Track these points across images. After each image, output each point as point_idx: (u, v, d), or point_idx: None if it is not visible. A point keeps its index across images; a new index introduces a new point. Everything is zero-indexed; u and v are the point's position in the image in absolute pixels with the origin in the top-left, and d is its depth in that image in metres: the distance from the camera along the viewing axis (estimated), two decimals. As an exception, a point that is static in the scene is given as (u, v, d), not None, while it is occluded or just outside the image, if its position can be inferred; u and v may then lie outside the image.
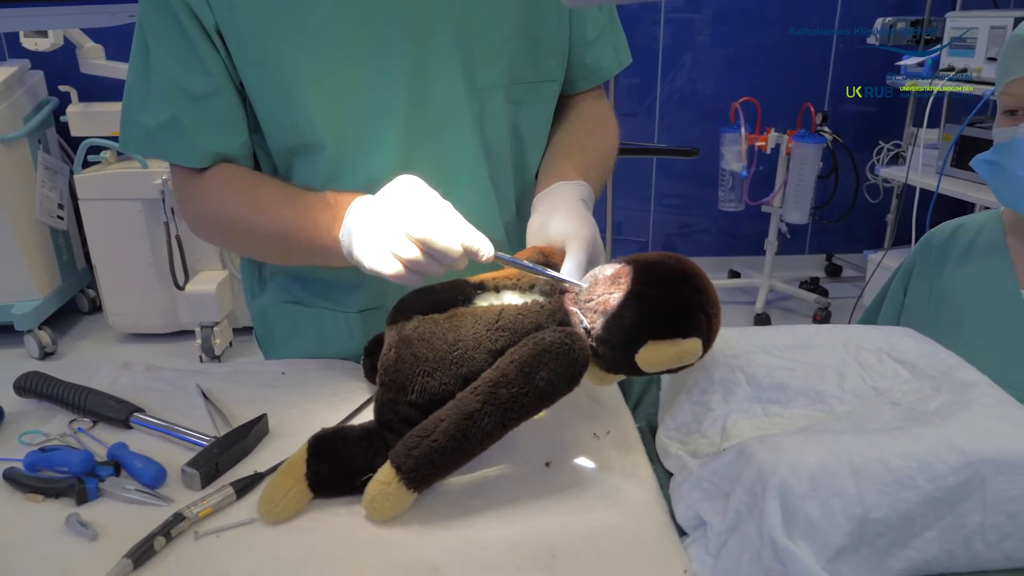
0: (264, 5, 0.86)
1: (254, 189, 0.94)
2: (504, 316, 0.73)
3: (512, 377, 0.68)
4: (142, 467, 0.76)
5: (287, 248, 0.92)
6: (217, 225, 0.98)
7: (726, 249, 4.08)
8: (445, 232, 0.73)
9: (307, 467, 0.72)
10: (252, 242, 0.98)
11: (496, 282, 0.78)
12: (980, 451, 0.61)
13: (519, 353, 0.69)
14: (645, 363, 0.68)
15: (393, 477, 0.68)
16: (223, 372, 0.99)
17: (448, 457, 0.68)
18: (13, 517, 0.72)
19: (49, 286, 3.28)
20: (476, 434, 0.68)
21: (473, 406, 0.68)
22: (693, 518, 0.67)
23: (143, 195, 2.98)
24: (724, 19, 3.71)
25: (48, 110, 3.22)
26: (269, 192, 0.93)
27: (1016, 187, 1.01)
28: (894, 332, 0.83)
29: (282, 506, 0.70)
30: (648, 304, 0.68)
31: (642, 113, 3.85)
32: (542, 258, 0.81)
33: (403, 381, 0.73)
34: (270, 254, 1.00)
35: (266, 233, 0.92)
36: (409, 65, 0.90)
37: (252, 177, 0.96)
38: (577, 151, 0.99)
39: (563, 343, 0.69)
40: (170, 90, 0.90)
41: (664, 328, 0.68)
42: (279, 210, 0.90)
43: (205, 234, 1.02)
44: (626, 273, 0.71)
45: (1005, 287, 1.04)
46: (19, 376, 0.91)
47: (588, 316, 0.72)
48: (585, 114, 1.06)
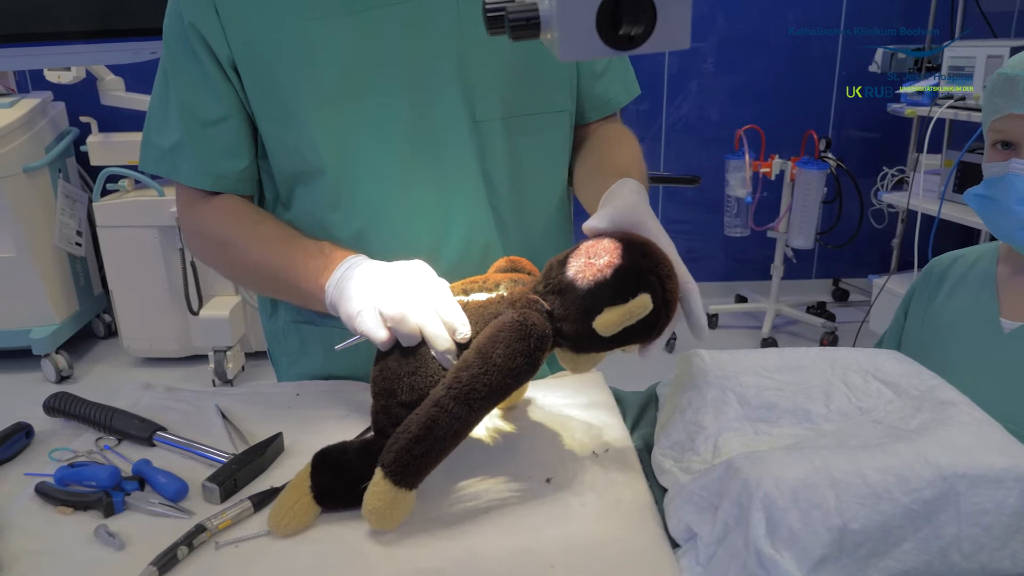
0: (276, 42, 0.93)
1: (255, 224, 1.00)
2: (467, 310, 0.78)
3: (471, 360, 0.72)
4: (165, 482, 0.80)
5: (275, 285, 0.99)
6: (215, 250, 1.05)
7: (733, 274, 4.12)
8: (419, 312, 0.77)
9: (311, 480, 0.76)
10: (244, 273, 1.04)
11: (464, 286, 0.83)
12: (954, 466, 0.64)
13: (478, 338, 0.74)
14: (602, 327, 0.71)
15: (380, 476, 0.72)
16: (240, 393, 1.04)
17: (423, 445, 0.71)
18: (45, 528, 0.76)
19: (66, 311, 3.35)
20: (445, 419, 0.71)
21: (439, 393, 0.72)
22: (685, 530, 0.71)
23: (159, 222, 3.05)
24: (728, 47, 3.79)
25: (69, 140, 3.32)
26: (268, 229, 0.99)
27: (1008, 221, 1.02)
28: (879, 354, 0.87)
29: (289, 518, 0.74)
30: (598, 272, 0.72)
31: (648, 139, 3.91)
32: (509, 264, 0.87)
33: (391, 386, 0.78)
34: (259, 287, 1.06)
35: (258, 267, 0.98)
36: (410, 98, 0.96)
37: (255, 212, 1.03)
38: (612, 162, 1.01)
39: (515, 320, 0.73)
40: (184, 114, 0.98)
41: (616, 292, 0.71)
42: (275, 247, 0.96)
43: (201, 255, 1.08)
44: (576, 253, 0.75)
45: (987, 315, 1.07)
46: (48, 396, 0.96)
47: (548, 300, 0.75)
48: (606, 134, 1.10)
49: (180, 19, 0.94)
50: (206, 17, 0.93)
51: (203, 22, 0.93)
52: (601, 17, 0.49)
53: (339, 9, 0.92)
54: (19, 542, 0.74)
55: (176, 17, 0.95)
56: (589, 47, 0.50)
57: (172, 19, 0.96)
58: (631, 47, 0.51)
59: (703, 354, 0.89)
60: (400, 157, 0.97)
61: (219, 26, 0.93)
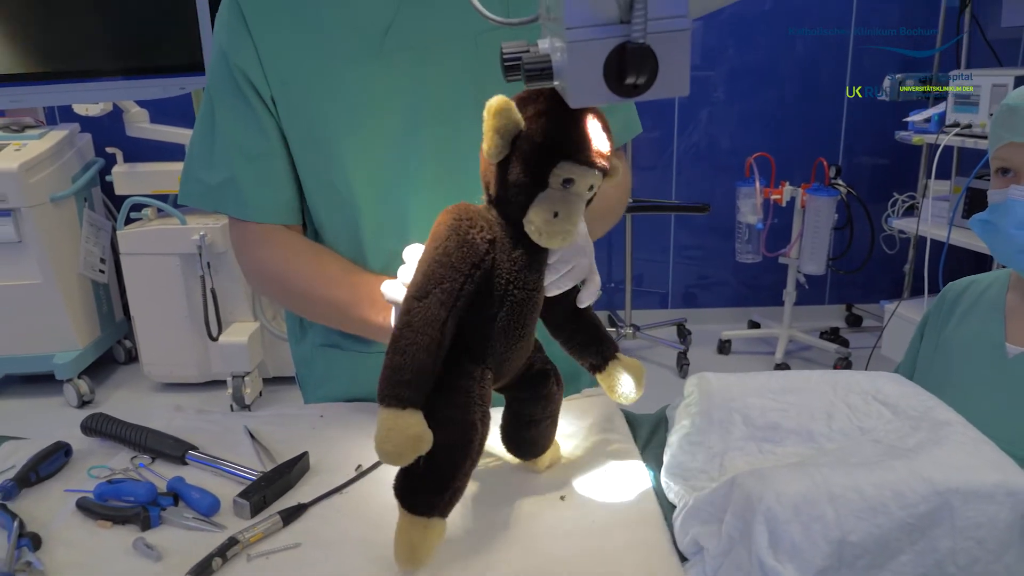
0: (311, 82, 1.00)
1: (315, 257, 1.07)
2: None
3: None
4: (198, 497, 0.85)
5: (340, 319, 1.05)
6: (277, 286, 1.11)
7: (745, 300, 4.14)
8: None
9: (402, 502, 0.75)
10: (310, 307, 1.10)
11: None
12: (948, 482, 0.68)
13: None
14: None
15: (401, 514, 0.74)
16: (267, 415, 1.09)
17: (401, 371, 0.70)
18: (87, 540, 0.81)
19: (89, 337, 3.41)
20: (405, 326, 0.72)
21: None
22: (692, 544, 0.75)
23: (181, 250, 3.12)
24: (739, 76, 3.84)
25: (94, 170, 3.40)
26: (330, 265, 1.06)
27: (1009, 245, 1.06)
28: (879, 377, 0.91)
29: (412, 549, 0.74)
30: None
31: (660, 167, 3.96)
32: None
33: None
34: (324, 320, 1.12)
35: (325, 303, 1.05)
36: (433, 131, 1.02)
37: (312, 246, 1.09)
38: None
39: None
40: (231, 150, 1.04)
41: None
42: (339, 285, 1.03)
43: (262, 288, 1.15)
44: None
45: (993, 340, 1.10)
46: (85, 417, 1.01)
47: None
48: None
49: (225, 60, 1.02)
50: (249, 59, 1.00)
51: (246, 63, 1.01)
52: (608, 68, 0.54)
53: (367, 52, 0.99)
54: (63, 553, 0.78)
55: (221, 59, 1.03)
56: (597, 94, 0.55)
57: (217, 61, 1.04)
58: (635, 94, 0.56)
59: (710, 377, 0.93)
60: (425, 185, 1.03)
61: (260, 67, 1.00)
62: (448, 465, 0.74)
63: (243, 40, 1.00)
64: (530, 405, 0.88)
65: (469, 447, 0.75)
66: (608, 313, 4.07)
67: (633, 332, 3.81)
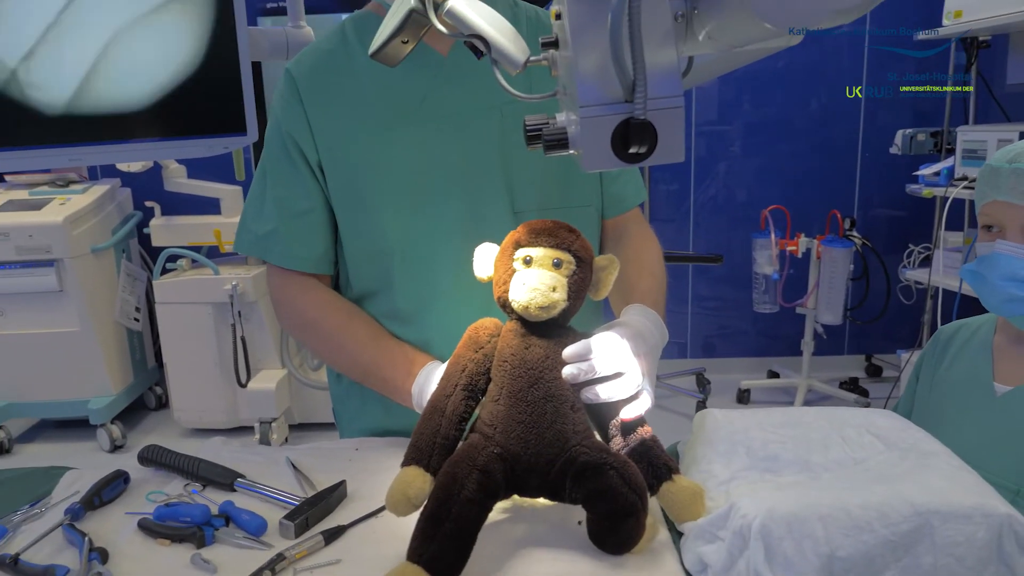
0: (353, 148, 1.14)
1: (348, 317, 1.19)
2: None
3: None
4: (248, 519, 0.93)
5: (364, 377, 1.18)
6: (311, 332, 1.23)
7: (765, 350, 4.17)
8: None
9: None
10: (337, 359, 1.23)
11: None
12: (928, 504, 0.75)
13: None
14: None
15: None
16: (306, 448, 1.18)
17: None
18: (149, 556, 0.90)
19: (122, 383, 3.52)
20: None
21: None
22: (697, 563, 0.82)
23: (214, 299, 3.24)
24: (754, 131, 3.95)
25: (133, 223, 3.57)
26: (359, 326, 1.18)
27: (995, 295, 1.14)
28: (872, 412, 0.98)
29: None
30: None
31: (678, 219, 4.06)
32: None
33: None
34: (349, 373, 1.24)
35: (351, 359, 1.19)
36: (462, 191, 1.14)
37: (346, 305, 1.21)
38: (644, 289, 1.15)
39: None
40: (278, 206, 1.17)
41: None
42: (365, 346, 1.16)
43: (294, 332, 1.27)
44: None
45: (982, 380, 1.18)
46: (142, 448, 1.11)
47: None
48: (636, 249, 1.24)
49: (280, 128, 1.16)
50: (300, 128, 1.14)
51: (298, 132, 1.14)
52: (614, 139, 0.64)
53: (404, 121, 1.13)
54: (129, 567, 0.87)
55: (277, 126, 1.17)
56: (606, 161, 0.65)
57: (273, 128, 1.18)
58: (638, 161, 0.65)
59: (716, 413, 1.01)
60: (452, 242, 1.13)
61: (310, 135, 1.14)
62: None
63: (296, 111, 1.14)
64: (585, 500, 0.88)
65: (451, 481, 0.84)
66: (627, 362, 4.11)
67: (652, 381, 3.86)
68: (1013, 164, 1.11)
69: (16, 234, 3.13)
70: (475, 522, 0.83)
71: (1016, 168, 1.10)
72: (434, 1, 0.78)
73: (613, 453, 0.89)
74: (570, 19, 0.66)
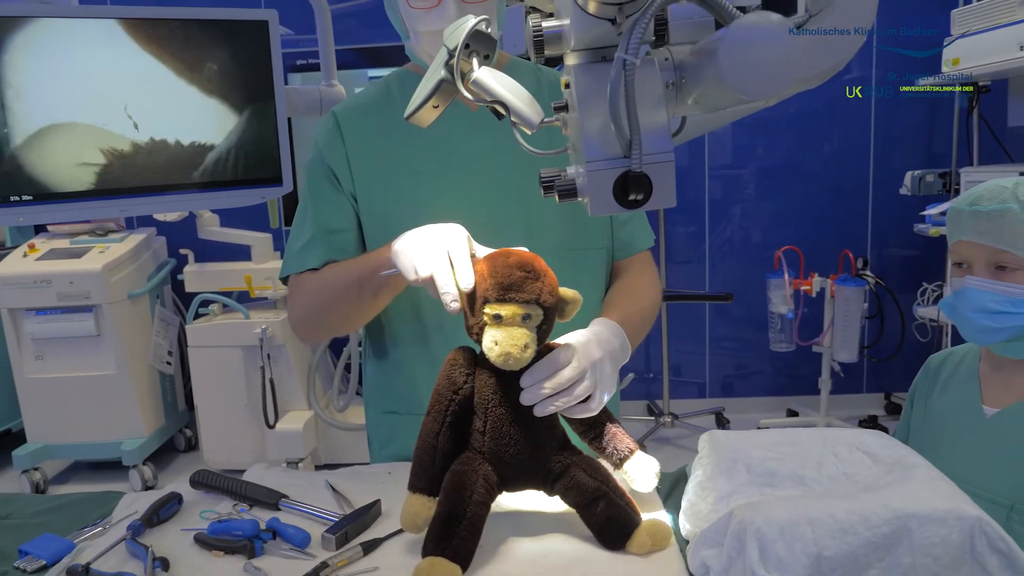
0: (386, 186, 1.28)
1: (335, 265, 1.28)
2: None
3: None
4: (293, 533, 1.03)
5: (359, 285, 1.20)
6: (312, 304, 1.29)
7: (783, 389, 4.21)
8: (443, 275, 1.01)
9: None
10: (334, 296, 1.26)
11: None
12: (906, 508, 0.83)
13: None
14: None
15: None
16: (343, 472, 1.28)
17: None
18: (205, 566, 1.00)
19: (154, 425, 3.63)
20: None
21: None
22: (700, 566, 0.90)
23: (244, 342, 3.36)
24: (767, 174, 4.05)
25: (167, 270, 3.72)
26: (344, 262, 1.27)
27: (969, 326, 1.23)
28: (862, 433, 1.06)
29: None
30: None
31: (694, 260, 4.15)
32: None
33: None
34: (347, 294, 1.24)
35: (342, 282, 1.23)
36: (486, 231, 1.23)
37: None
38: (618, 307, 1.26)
39: None
40: (317, 223, 1.30)
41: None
42: (350, 264, 1.25)
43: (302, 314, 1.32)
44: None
45: (971, 404, 1.26)
46: (193, 472, 1.21)
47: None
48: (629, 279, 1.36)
49: (322, 159, 1.30)
50: (339, 161, 1.29)
51: (337, 165, 1.29)
52: (616, 188, 0.75)
53: (434, 166, 1.27)
54: (188, 574, 0.97)
55: (319, 158, 1.31)
56: (610, 207, 0.76)
57: (316, 159, 1.32)
58: (637, 206, 0.76)
59: (719, 434, 1.10)
60: None
61: (348, 169, 1.28)
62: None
63: (337, 145, 1.29)
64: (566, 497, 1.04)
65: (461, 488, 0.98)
66: (647, 402, 4.18)
67: (672, 421, 3.92)
68: (973, 207, 1.21)
69: (58, 281, 3.29)
70: (484, 518, 0.98)
71: (976, 210, 1.20)
72: (462, 71, 0.90)
73: (579, 453, 1.05)
74: (576, 88, 0.78)
